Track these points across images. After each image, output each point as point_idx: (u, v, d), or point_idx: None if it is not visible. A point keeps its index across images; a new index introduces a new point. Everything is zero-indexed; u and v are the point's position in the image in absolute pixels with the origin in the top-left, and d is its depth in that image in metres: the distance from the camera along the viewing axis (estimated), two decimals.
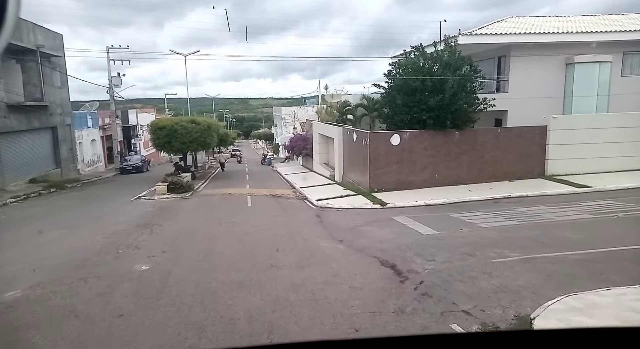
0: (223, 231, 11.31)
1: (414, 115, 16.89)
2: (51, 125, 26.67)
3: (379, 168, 17.06)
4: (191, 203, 17.07)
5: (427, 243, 9.47)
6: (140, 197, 18.53)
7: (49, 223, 12.95)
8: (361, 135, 18.02)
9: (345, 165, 21.41)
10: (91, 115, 33.41)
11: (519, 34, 18.54)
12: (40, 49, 23.74)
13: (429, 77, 16.14)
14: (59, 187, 22.59)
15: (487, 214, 12.39)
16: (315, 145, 27.66)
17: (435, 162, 17.33)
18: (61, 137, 27.73)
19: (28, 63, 23.60)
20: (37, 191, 20.79)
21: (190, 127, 24.33)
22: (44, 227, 12.25)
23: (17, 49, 22.54)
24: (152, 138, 24.70)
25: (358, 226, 11.75)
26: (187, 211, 14.95)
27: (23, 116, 23.24)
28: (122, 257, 8.86)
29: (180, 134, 24.01)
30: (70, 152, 29.04)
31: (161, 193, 18.94)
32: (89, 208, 16.17)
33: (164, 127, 24.05)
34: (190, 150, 25.43)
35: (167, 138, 24.00)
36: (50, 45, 26.12)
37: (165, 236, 10.85)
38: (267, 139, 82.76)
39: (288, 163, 38.56)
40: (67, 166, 28.32)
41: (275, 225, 12.17)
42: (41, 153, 25.72)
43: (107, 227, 12.06)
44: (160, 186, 19.06)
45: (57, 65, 27.19)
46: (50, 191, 21.56)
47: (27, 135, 23.94)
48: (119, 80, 33.25)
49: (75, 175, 28.47)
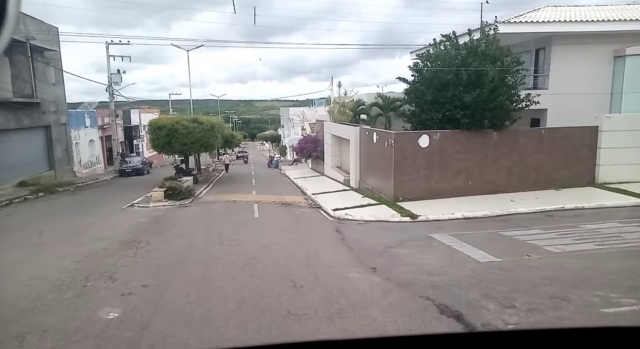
0: (224, 252, 9.00)
1: (446, 113, 14.53)
2: (44, 123, 24.54)
3: (405, 173, 14.70)
4: (190, 212, 14.79)
5: (491, 276, 7.10)
6: (134, 204, 16.28)
7: (18, 238, 10.71)
8: (384, 136, 15.68)
9: (363, 169, 19.06)
10: (89, 114, 31.32)
11: (565, 23, 16.11)
12: (30, 41, 21.61)
13: (466, 69, 13.77)
14: (49, 191, 20.41)
15: (548, 232, 10.00)
16: (327, 147, 25.35)
17: (469, 166, 14.94)
18: (55, 136, 25.60)
19: (17, 57, 21.48)
20: (23, 196, 18.62)
21: (192, 126, 22.10)
22: (8, 244, 10.02)
23: None
24: (151, 139, 22.49)
25: (391, 246, 9.41)
26: (184, 223, 12.67)
27: (11, 114, 21.10)
28: (88, 294, 6.57)
29: (181, 134, 21.78)
30: (65, 152, 26.91)
31: (157, 199, 16.69)
32: (73, 217, 13.94)
33: (164, 126, 21.84)
34: (192, 151, 23.19)
35: (166, 138, 21.77)
36: (44, 38, 24.00)
37: (151, 259, 8.56)
38: (273, 141, 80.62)
39: (296, 166, 36.26)
40: (61, 168, 26.19)
41: (288, 244, 9.86)
42: (32, 154, 23.59)
43: (85, 245, 9.80)
44: (156, 192, 16.81)
45: (51, 59, 25.07)
46: (38, 196, 19.38)
47: (15, 134, 21.80)
48: (119, 77, 31.14)
49: (70, 178, 26.33)
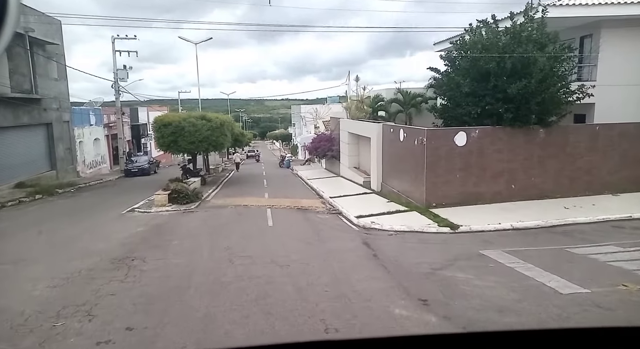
0: (233, 275, 7.29)
1: (486, 107, 12.67)
2: (45, 121, 23.11)
3: (438, 175, 12.88)
4: (195, 219, 13.12)
5: (588, 316, 5.29)
6: (135, 209, 14.68)
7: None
8: (413, 133, 13.86)
9: (386, 170, 17.25)
10: (94, 111, 29.91)
11: (621, 5, 14.11)
12: (29, 33, 20.16)
13: (514, 55, 11.88)
14: (47, 193, 18.94)
15: (629, 250, 8.12)
16: (344, 145, 23.58)
17: (512, 168, 13.07)
18: (57, 135, 24.18)
19: (15, 50, 20.04)
20: (18, 198, 17.15)
21: (200, 123, 20.46)
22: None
23: None
24: (156, 137, 20.90)
25: (437, 268, 7.61)
26: (188, 233, 10.98)
27: (8, 110, 19.66)
28: (52, 341, 4.90)
29: (188, 132, 20.15)
30: (68, 151, 25.50)
31: (160, 204, 15.07)
32: (65, 225, 12.36)
33: (169, 123, 20.23)
34: (199, 150, 21.57)
35: (172, 136, 20.17)
36: (45, 31, 22.57)
37: (144, 285, 6.87)
38: (283, 140, 79.04)
39: (309, 165, 34.55)
40: (64, 167, 24.78)
41: (310, 263, 8.12)
42: (32, 154, 22.17)
43: (69, 262, 8.16)
44: (159, 195, 15.19)
45: (53, 54, 23.65)
46: (35, 198, 17.89)
47: (12, 132, 20.38)
48: (125, 73, 29.68)
49: (73, 178, 24.91)
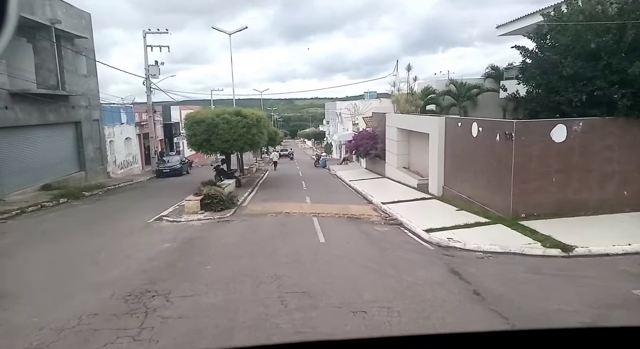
0: (291, 329, 5.02)
1: (595, 93, 9.90)
2: (73, 119, 21.76)
3: (528, 179, 10.23)
4: (232, 231, 10.98)
5: None
6: (163, 217, 12.73)
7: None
8: (492, 127, 11.23)
9: (450, 171, 14.64)
10: (125, 109, 28.60)
11: None
12: (56, 25, 18.72)
13: (638, 22, 9.09)
14: (73, 196, 17.40)
15: None
16: (391, 143, 21.07)
17: (625, 170, 10.25)
18: (86, 134, 22.84)
19: (41, 43, 18.66)
20: (40, 203, 15.63)
21: (235, 120, 18.45)
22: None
23: (26, 23, 17.57)
24: (188, 135, 19.05)
25: (588, 322, 5.09)
26: (224, 254, 8.82)
27: (34, 108, 18.29)
28: None
29: (222, 130, 18.19)
30: (98, 151, 24.17)
31: (192, 211, 13.08)
32: (81, 237, 10.51)
33: (202, 120, 18.32)
34: (234, 150, 19.59)
35: (205, 135, 18.24)
36: (74, 25, 21.20)
37: (164, 347, 4.70)
38: (315, 138, 76.94)
39: (347, 165, 32.18)
40: (93, 168, 23.44)
41: (393, 306, 5.73)
42: (60, 154, 20.84)
43: (69, 299, 6.14)
44: (191, 201, 13.20)
45: (82, 48, 22.29)
46: (59, 202, 16.36)
47: (39, 131, 19.02)
48: (157, 69, 28.21)
49: (103, 179, 23.54)
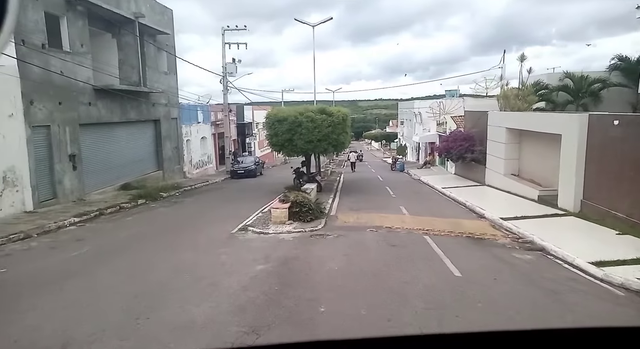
0: None
1: None
2: (153, 117, 21.23)
3: None
4: (332, 251, 8.91)
5: None
6: (248, 227, 11.03)
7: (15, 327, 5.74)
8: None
9: (594, 182, 11.53)
10: (202, 108, 28.03)
11: None
12: (139, 20, 18.10)
13: None
14: (150, 197, 16.51)
15: None
16: (495, 146, 18.03)
17: None
18: (165, 132, 22.27)
19: (125, 39, 18.10)
20: (119, 204, 14.77)
21: (320, 118, 16.55)
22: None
23: (112, 17, 17.01)
24: (269, 135, 17.45)
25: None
26: (333, 287, 6.72)
27: (116, 104, 17.74)
28: None
29: (306, 129, 16.35)
30: (175, 150, 23.59)
31: (279, 221, 11.27)
32: (161, 250, 9.04)
33: (285, 118, 16.61)
34: (318, 151, 17.70)
35: (288, 134, 16.52)
36: (157, 21, 20.62)
37: None
38: (383, 140, 73.99)
39: (430, 169, 29.25)
40: (170, 167, 22.85)
41: None
42: (140, 152, 20.32)
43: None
44: (278, 209, 11.39)
45: (163, 45, 21.74)
46: (137, 203, 15.48)
47: (120, 128, 18.49)
48: (234, 67, 27.33)
49: (179, 179, 22.88)
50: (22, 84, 12.72)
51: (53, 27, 14.22)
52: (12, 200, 12.48)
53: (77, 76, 15.03)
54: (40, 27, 13.46)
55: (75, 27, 15.24)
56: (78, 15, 15.34)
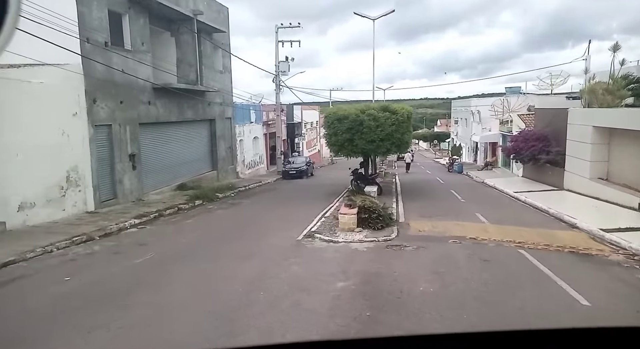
0: None
1: None
2: (208, 117, 20.96)
3: None
4: (418, 266, 7.77)
5: None
6: (314, 234, 10.12)
7: None
8: None
9: None
10: (255, 108, 27.68)
11: None
12: (198, 17, 17.78)
13: None
14: (207, 198, 16.09)
15: None
16: (579, 146, 16.08)
17: None
18: (220, 132, 21.98)
19: (183, 37, 17.84)
20: (177, 205, 14.41)
21: (383, 117, 15.42)
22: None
23: (171, 15, 16.79)
24: (327, 135, 16.51)
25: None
26: (439, 316, 5.61)
27: (174, 104, 17.53)
28: None
29: (368, 128, 15.28)
30: (229, 150, 23.28)
31: (348, 227, 10.28)
32: (227, 258, 8.31)
33: (345, 117, 15.62)
34: (380, 152, 16.56)
35: (348, 133, 15.51)
36: (214, 18, 20.33)
37: None
38: (434, 139, 71.42)
39: (492, 172, 27.25)
40: (224, 168, 22.54)
41: None
42: (196, 152, 20.10)
43: None
44: (346, 215, 10.40)
45: (219, 43, 21.46)
46: (195, 204, 15.08)
47: (177, 128, 18.29)
48: (287, 65, 26.75)
49: (232, 179, 22.53)
50: (85, 82, 12.57)
51: (115, 25, 14.07)
52: (75, 200, 12.35)
53: (137, 75, 14.84)
54: (103, 25, 13.31)
55: (137, 25, 15.07)
56: (139, 12, 15.16)
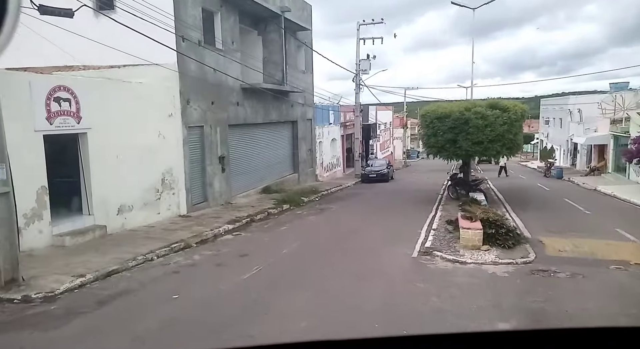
0: None
1: None
2: (291, 118, 20.24)
3: None
4: (589, 301, 6.03)
5: None
6: (432, 251, 8.63)
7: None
8: None
9: None
10: (333, 109, 26.68)
11: None
12: (285, 14, 17.10)
13: None
14: (294, 202, 15.24)
15: None
16: None
17: None
18: (301, 134, 21.20)
19: (270, 35, 17.23)
20: (266, 209, 13.67)
21: (492, 115, 13.53)
22: None
23: (260, 13, 16.22)
24: (425, 135, 14.88)
25: None
26: None
27: (260, 105, 16.94)
28: None
29: (475, 127, 13.48)
30: (309, 153, 22.44)
31: (472, 245, 8.67)
32: (340, 277, 7.15)
33: (447, 115, 13.92)
34: (488, 154, 14.62)
35: (450, 133, 13.80)
36: (299, 16, 19.59)
37: None
38: None
39: (600, 177, 23.80)
40: (304, 171, 21.73)
41: None
42: (278, 154, 19.44)
43: None
44: (470, 230, 8.79)
45: (302, 42, 20.70)
46: (283, 209, 14.27)
47: (262, 130, 17.69)
48: (368, 64, 25.42)
49: (312, 182, 21.65)
50: (180, 83, 12.20)
51: (207, 24, 13.66)
52: (169, 203, 11.98)
53: (228, 75, 14.35)
54: (197, 23, 12.91)
55: (227, 24, 14.60)
56: (230, 11, 14.69)
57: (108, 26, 10.54)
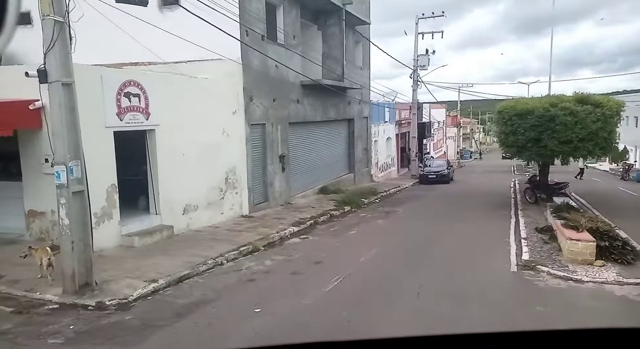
0: None
1: None
2: (347, 116, 19.41)
3: None
4: None
5: None
6: (534, 265, 7.45)
7: None
8: None
9: None
10: (389, 106, 25.57)
11: None
12: (346, 7, 16.31)
13: None
14: (354, 204, 14.41)
15: None
16: None
17: None
18: (357, 132, 20.32)
19: (330, 30, 16.51)
20: (328, 211, 12.93)
21: (583, 111, 12.00)
22: None
23: (322, 6, 15.55)
24: (503, 133, 13.52)
25: None
26: None
27: (319, 102, 16.25)
28: None
29: (562, 125, 12.01)
30: (364, 152, 21.51)
31: (582, 259, 7.42)
32: (435, 297, 6.21)
33: (530, 112, 12.52)
34: (578, 154, 13.07)
35: (533, 132, 12.40)
36: (358, 9, 18.70)
37: None
38: None
39: None
40: (360, 170, 20.84)
41: None
42: (335, 153, 18.67)
43: None
44: (580, 242, 7.54)
45: (361, 37, 19.83)
46: (344, 210, 13.48)
47: (320, 128, 16.98)
48: (427, 59, 24.12)
49: (367, 183, 20.75)
50: (244, 79, 11.71)
51: (269, 17, 13.12)
52: (232, 202, 11.52)
53: (289, 71, 13.75)
54: (261, 17, 12.38)
55: (289, 18, 14.00)
56: (292, 5, 14.09)
57: (172, 22, 10.28)
